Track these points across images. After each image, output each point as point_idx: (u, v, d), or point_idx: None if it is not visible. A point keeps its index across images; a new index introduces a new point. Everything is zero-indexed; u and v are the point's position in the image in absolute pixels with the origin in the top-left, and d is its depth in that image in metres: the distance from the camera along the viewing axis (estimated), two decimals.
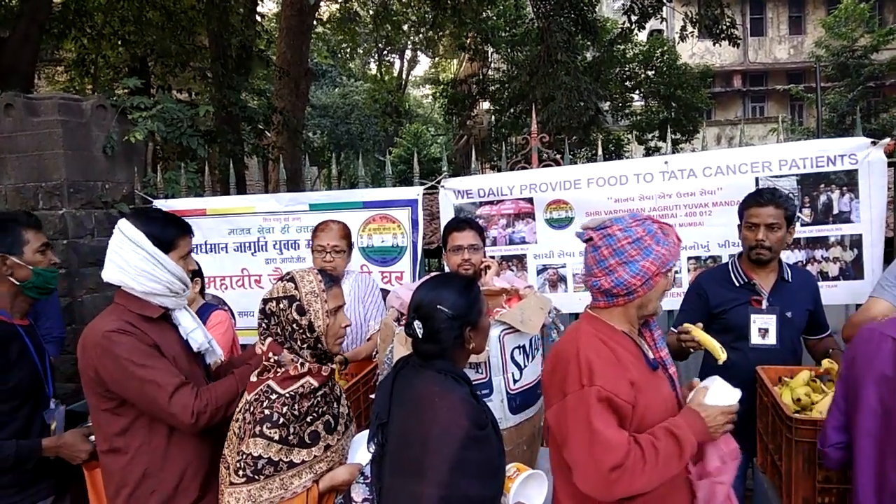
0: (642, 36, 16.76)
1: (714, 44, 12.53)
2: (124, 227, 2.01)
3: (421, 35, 20.97)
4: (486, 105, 19.16)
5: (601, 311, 1.84)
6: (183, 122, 5.08)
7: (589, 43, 14.14)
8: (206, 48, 10.26)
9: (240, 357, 2.30)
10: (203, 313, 2.94)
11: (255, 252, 4.21)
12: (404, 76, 29.68)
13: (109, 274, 2.02)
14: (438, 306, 1.76)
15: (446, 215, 3.87)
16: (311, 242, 3.29)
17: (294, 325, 1.88)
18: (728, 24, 11.58)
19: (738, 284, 2.73)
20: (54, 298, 3.29)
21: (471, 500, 1.62)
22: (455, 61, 26.30)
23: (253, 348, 2.20)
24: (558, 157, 3.94)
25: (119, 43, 9.79)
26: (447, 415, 1.64)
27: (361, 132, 23.18)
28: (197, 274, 3.01)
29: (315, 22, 14.23)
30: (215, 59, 9.48)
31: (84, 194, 4.30)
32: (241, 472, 1.76)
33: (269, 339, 1.91)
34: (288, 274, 1.96)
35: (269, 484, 1.76)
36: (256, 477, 1.75)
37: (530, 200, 3.76)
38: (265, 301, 1.93)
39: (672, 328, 2.73)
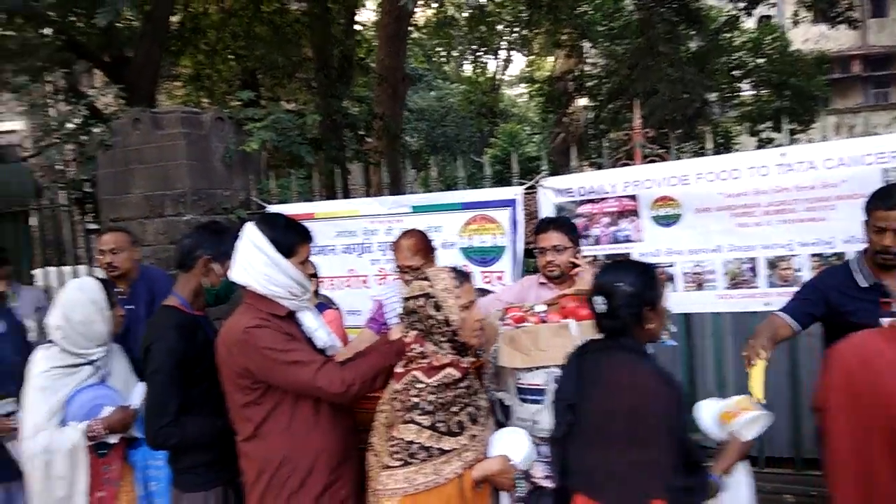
0: (750, 23, 15.90)
1: (830, 27, 11.69)
2: (249, 231, 2.16)
3: (515, 34, 20.87)
4: (582, 101, 18.79)
5: None
6: (293, 132, 5.32)
7: (693, 32, 13.56)
8: (310, 60, 10.70)
9: (374, 345, 2.29)
10: None
11: (361, 253, 4.34)
12: (498, 76, 29.63)
13: (236, 274, 2.17)
14: (617, 284, 1.90)
15: (546, 214, 3.82)
16: None
17: (432, 320, 2.02)
18: (845, 5, 10.78)
19: (864, 286, 2.49)
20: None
21: (695, 451, 1.83)
22: (550, 58, 25.95)
23: (386, 337, 2.24)
24: (662, 151, 3.82)
25: (231, 57, 10.40)
26: (653, 384, 1.81)
27: (457, 134, 23.30)
28: (313, 275, 3.14)
29: (411, 28, 14.47)
30: (319, 70, 9.88)
31: (206, 201, 4.59)
32: (396, 456, 1.93)
33: (413, 332, 2.06)
34: (423, 273, 2.14)
35: (424, 468, 1.91)
36: (411, 461, 1.91)
37: (634, 197, 3.66)
38: (405, 299, 2.11)
39: (778, 313, 2.59)
